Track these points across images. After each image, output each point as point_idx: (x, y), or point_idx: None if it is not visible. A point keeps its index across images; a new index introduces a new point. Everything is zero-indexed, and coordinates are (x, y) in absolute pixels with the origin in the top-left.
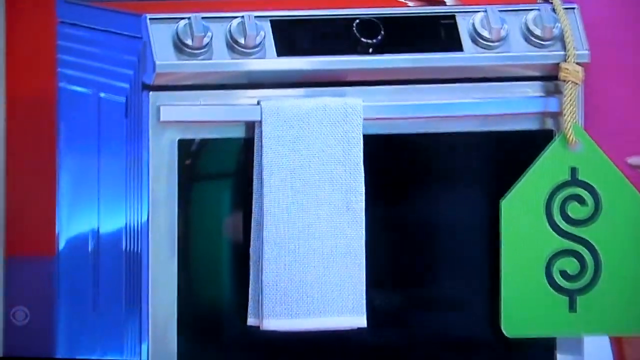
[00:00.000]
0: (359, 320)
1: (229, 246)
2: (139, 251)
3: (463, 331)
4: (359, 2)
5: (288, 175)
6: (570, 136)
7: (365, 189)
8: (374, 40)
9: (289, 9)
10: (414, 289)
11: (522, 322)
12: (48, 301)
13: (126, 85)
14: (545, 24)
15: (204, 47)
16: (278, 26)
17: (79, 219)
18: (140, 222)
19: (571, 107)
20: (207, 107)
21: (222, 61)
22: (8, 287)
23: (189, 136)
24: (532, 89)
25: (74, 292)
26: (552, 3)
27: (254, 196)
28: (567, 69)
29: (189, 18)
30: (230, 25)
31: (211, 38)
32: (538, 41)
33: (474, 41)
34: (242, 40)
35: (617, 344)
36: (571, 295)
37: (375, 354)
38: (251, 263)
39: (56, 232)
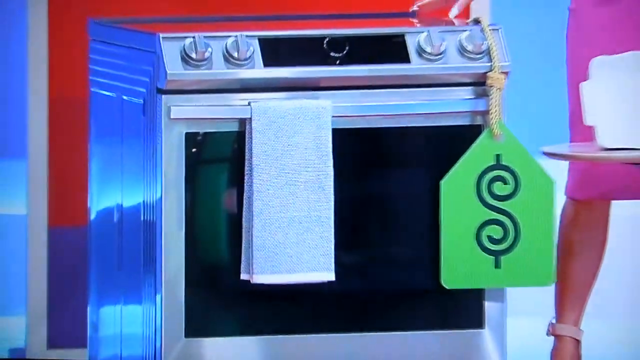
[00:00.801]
0: (329, 275)
1: (226, 217)
2: (154, 221)
3: (410, 283)
4: (329, 23)
5: (272, 161)
6: (495, 130)
7: (334, 172)
8: (341, 54)
9: (272, 30)
10: (373, 250)
11: (457, 277)
12: (83, 261)
13: (143, 90)
14: (476, 41)
15: (205, 59)
16: (264, 43)
17: (106, 195)
18: (155, 199)
19: (496, 107)
20: (208, 107)
21: (220, 71)
22: (52, 249)
23: (193, 130)
24: (465, 93)
25: (102, 254)
26: (481, 24)
27: (246, 177)
28: (493, 77)
29: (193, 37)
30: (226, 43)
31: (211, 53)
32: (470, 55)
33: (419, 55)
34: (235, 54)
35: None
36: (496, 255)
37: (342, 301)
38: (243, 230)
39: (88, 206)
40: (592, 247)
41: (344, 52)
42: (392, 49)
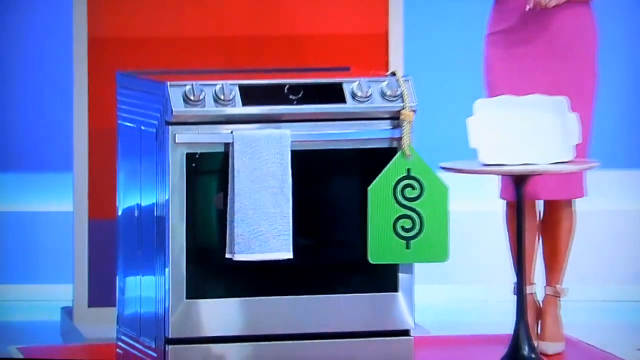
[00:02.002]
0: (288, 254)
1: (215, 212)
2: (164, 216)
3: (346, 259)
4: (289, 75)
5: (248, 173)
6: (406, 151)
7: (292, 181)
8: (297, 97)
9: (248, 79)
10: (319, 236)
11: (379, 255)
12: (113, 244)
13: (156, 122)
14: (393, 88)
15: (200, 100)
16: (242, 89)
17: (130, 197)
18: (164, 200)
19: (407, 135)
20: (202, 134)
21: (210, 109)
22: (91, 235)
23: (192, 151)
24: (385, 125)
25: (127, 239)
26: (396, 76)
27: (229, 184)
28: (405, 114)
29: (191, 84)
30: (215, 88)
31: (204, 96)
32: (388, 98)
33: (353, 98)
34: (222, 97)
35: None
36: (407, 240)
37: (297, 272)
38: (228, 222)
39: (117, 205)
40: (528, 231)
41: (300, 95)
42: (334, 93)
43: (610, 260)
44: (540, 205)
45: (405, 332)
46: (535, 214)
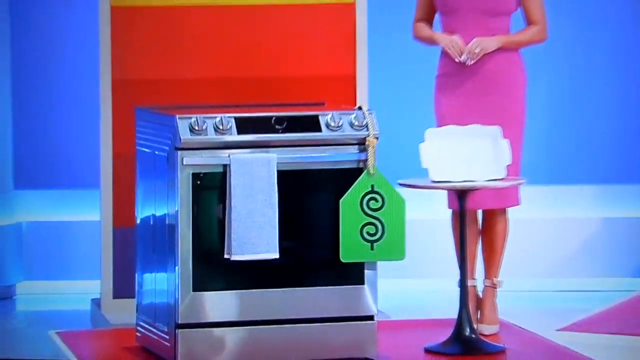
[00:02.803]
0: (275, 255)
1: (216, 221)
2: (174, 224)
3: (322, 258)
4: (275, 109)
5: (242, 189)
6: (371, 170)
7: (278, 194)
8: (282, 127)
9: (243, 112)
10: (300, 240)
11: (349, 255)
12: (133, 247)
13: (167, 148)
14: (359, 119)
15: (203, 130)
16: (238, 120)
17: (146, 209)
18: (174, 211)
19: (371, 158)
20: (205, 158)
21: (211, 137)
22: (115, 240)
23: (197, 171)
24: (354, 149)
25: (144, 243)
26: (362, 110)
27: (227, 198)
28: (369, 141)
29: (196, 117)
30: (215, 120)
31: (207, 126)
32: (356, 127)
33: (327, 127)
34: (221, 127)
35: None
36: (371, 243)
37: (282, 269)
38: (226, 229)
39: (136, 215)
40: (470, 234)
41: (284, 125)
42: (311, 124)
43: (536, 258)
44: (480, 212)
45: (370, 317)
46: (476, 221)
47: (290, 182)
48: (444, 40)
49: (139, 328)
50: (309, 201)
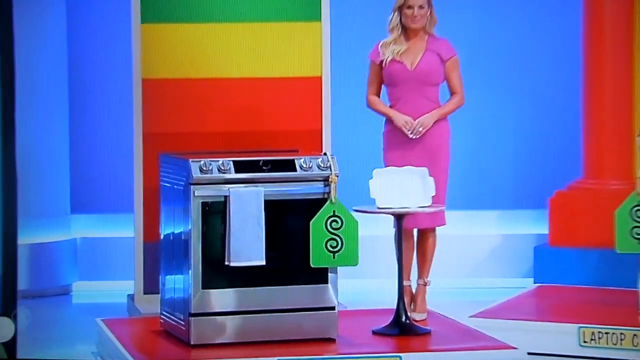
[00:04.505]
0: (262, 262)
1: (219, 236)
2: (188, 239)
3: (296, 264)
4: (262, 154)
5: (238, 213)
6: (332, 200)
7: (265, 218)
8: (267, 168)
9: (239, 157)
10: (281, 250)
11: (317, 261)
12: (158, 257)
13: (183, 183)
14: (324, 162)
15: (210, 170)
16: (235, 163)
17: (167, 228)
18: (188, 230)
19: (333, 191)
20: (211, 191)
21: (216, 175)
22: (145, 252)
23: (205, 200)
24: (320, 184)
25: (166, 254)
26: (327, 155)
27: (227, 221)
28: (332, 178)
29: (204, 160)
30: (218, 163)
31: (212, 167)
32: (322, 168)
33: (301, 168)
34: (222, 168)
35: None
36: (333, 253)
37: (268, 272)
38: (226, 242)
39: (160, 232)
40: (407, 249)
41: (269, 167)
42: (289, 166)
43: (456, 263)
44: (415, 230)
45: (332, 308)
46: (412, 236)
47: (274, 209)
48: (400, 121)
49: (162, 316)
50: (287, 223)
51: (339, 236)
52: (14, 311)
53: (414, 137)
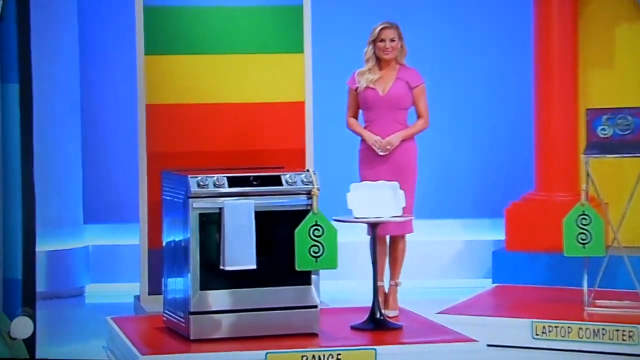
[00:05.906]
0: (253, 266)
1: (215, 244)
2: (187, 246)
3: (285, 267)
4: (254, 170)
5: (231, 224)
6: (315, 210)
7: (255, 227)
8: (257, 183)
9: (232, 173)
10: (270, 256)
11: (301, 265)
12: (161, 261)
13: (182, 196)
14: (308, 178)
15: (206, 185)
16: (229, 179)
17: (169, 236)
18: (187, 237)
19: (315, 203)
20: (207, 203)
21: (211, 189)
22: (150, 257)
23: (202, 212)
24: (304, 197)
25: (168, 259)
26: (310, 171)
27: (221, 230)
28: (313, 192)
29: (202, 176)
30: (214, 178)
31: (208, 182)
32: (305, 183)
33: (286, 183)
34: (217, 183)
35: None
36: (316, 258)
37: (258, 274)
38: (221, 249)
39: (163, 240)
40: (380, 254)
41: (258, 182)
42: (276, 181)
43: (423, 266)
44: (388, 237)
45: (315, 306)
46: (385, 242)
47: (263, 219)
48: (371, 140)
49: (165, 315)
50: (275, 231)
51: (320, 243)
52: (33, 311)
53: (383, 154)
